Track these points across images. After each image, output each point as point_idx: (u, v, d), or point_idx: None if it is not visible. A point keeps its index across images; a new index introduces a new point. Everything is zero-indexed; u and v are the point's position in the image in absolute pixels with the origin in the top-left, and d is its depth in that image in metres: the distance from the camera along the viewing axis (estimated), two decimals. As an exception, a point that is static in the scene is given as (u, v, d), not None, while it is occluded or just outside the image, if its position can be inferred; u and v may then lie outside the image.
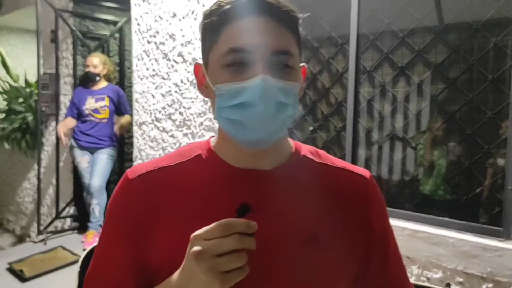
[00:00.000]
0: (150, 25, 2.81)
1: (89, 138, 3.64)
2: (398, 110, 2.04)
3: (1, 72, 4.95)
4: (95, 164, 3.63)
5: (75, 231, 4.07)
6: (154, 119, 2.85)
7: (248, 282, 0.64)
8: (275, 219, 0.68)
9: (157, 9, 2.75)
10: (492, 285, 1.61)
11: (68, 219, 4.15)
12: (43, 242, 3.75)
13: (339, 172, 0.78)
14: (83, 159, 3.65)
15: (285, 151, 0.75)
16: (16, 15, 4.81)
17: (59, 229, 4.10)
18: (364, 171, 0.81)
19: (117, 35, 4.24)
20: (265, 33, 0.63)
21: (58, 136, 3.68)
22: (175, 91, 2.70)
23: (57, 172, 3.94)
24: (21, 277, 3.04)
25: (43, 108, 3.95)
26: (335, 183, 0.76)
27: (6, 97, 4.71)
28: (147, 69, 2.87)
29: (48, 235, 3.85)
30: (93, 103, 3.64)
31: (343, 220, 0.73)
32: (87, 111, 3.63)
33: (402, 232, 1.82)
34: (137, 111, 2.96)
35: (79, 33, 3.95)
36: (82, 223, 4.12)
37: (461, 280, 1.68)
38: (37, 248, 3.65)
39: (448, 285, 1.72)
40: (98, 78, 3.68)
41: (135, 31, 2.92)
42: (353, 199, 0.76)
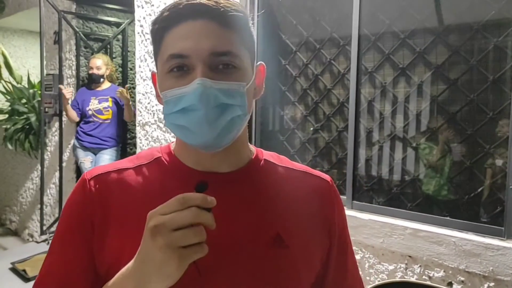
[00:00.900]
0: (153, 27, 2.82)
1: (92, 138, 3.67)
2: (399, 110, 2.06)
3: (5, 73, 4.97)
4: (97, 164, 3.64)
5: (78, 231, 4.08)
6: (157, 120, 2.86)
7: (211, 283, 0.64)
8: (236, 220, 0.68)
9: (160, 11, 2.76)
10: (493, 284, 1.62)
11: (71, 220, 4.16)
12: (46, 242, 3.77)
13: (300, 174, 0.78)
14: (86, 160, 3.67)
15: (245, 155, 0.74)
16: (19, 16, 4.83)
17: (62, 229, 4.11)
18: (325, 176, 0.81)
19: (120, 37, 4.26)
20: (202, 36, 0.62)
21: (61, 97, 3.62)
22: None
23: (60, 172, 3.96)
24: (24, 277, 3.06)
25: (46, 109, 3.97)
26: (297, 185, 0.76)
27: (9, 98, 4.73)
28: (150, 70, 2.88)
29: (51, 235, 3.87)
30: (96, 104, 3.67)
31: (307, 220, 0.74)
32: (90, 112, 3.65)
33: (403, 231, 1.83)
34: (140, 112, 2.98)
35: (82, 35, 3.97)
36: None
37: (462, 279, 1.69)
38: (40, 248, 3.68)
39: (449, 284, 1.73)
40: (102, 80, 3.70)
41: (138, 33, 2.94)
42: (316, 201, 0.76)
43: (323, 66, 2.31)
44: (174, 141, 0.76)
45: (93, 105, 3.65)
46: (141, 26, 2.91)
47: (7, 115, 4.70)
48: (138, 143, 3.04)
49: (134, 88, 3.84)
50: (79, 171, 3.90)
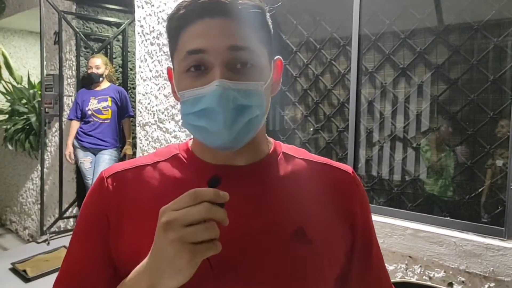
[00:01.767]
0: (153, 27, 2.83)
1: (92, 139, 3.66)
2: (399, 110, 2.05)
3: (5, 73, 4.97)
4: (98, 165, 3.65)
5: (78, 232, 4.08)
6: (157, 120, 2.86)
7: (231, 278, 0.63)
8: (254, 214, 0.67)
9: (160, 11, 2.77)
10: (494, 284, 1.62)
11: (71, 220, 4.17)
12: (46, 242, 3.76)
13: (320, 167, 0.77)
14: (86, 160, 3.67)
15: (263, 149, 0.74)
16: (19, 17, 4.84)
17: (62, 229, 4.12)
18: (346, 167, 0.79)
19: (120, 37, 4.26)
20: (220, 33, 0.62)
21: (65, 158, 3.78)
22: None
23: (60, 172, 3.96)
24: (24, 277, 3.05)
25: (46, 109, 3.97)
26: (317, 178, 0.75)
27: (9, 98, 4.74)
28: (150, 71, 2.88)
29: (51, 235, 3.87)
30: (96, 103, 3.67)
31: (328, 214, 0.72)
32: (89, 112, 3.65)
33: (404, 231, 1.83)
34: (140, 112, 2.97)
35: (82, 35, 3.97)
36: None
37: (463, 279, 1.69)
38: (40, 248, 3.67)
39: (450, 285, 1.72)
40: (101, 79, 3.70)
41: (138, 33, 2.94)
42: (337, 193, 0.75)
43: (324, 66, 2.31)
44: (192, 138, 0.76)
45: (93, 105, 3.65)
46: (141, 26, 2.91)
47: (7, 116, 4.71)
48: (138, 143, 3.04)
49: (134, 88, 3.85)
50: (79, 172, 3.90)
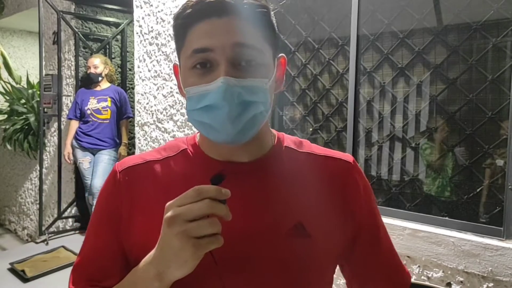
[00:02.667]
0: (152, 27, 2.82)
1: (91, 139, 3.66)
2: (398, 110, 2.05)
3: (4, 73, 4.97)
4: (96, 165, 3.64)
5: (77, 232, 4.09)
6: (155, 120, 2.86)
7: (228, 272, 0.66)
8: (257, 210, 0.70)
9: (158, 11, 2.76)
10: (492, 284, 1.61)
11: (70, 220, 4.16)
12: (45, 242, 3.76)
13: (322, 159, 0.78)
14: (85, 160, 3.66)
15: (267, 143, 0.76)
16: (18, 16, 4.83)
17: (61, 229, 4.11)
18: (347, 156, 0.80)
19: (119, 37, 4.26)
20: (226, 32, 0.63)
21: (65, 158, 3.78)
22: (177, 92, 2.71)
23: (59, 172, 3.96)
24: (23, 277, 3.05)
25: (45, 109, 3.97)
26: (319, 171, 0.77)
27: (8, 98, 4.74)
28: (149, 71, 2.88)
29: (50, 235, 3.87)
30: (95, 103, 3.66)
31: (329, 207, 0.74)
32: (89, 112, 3.65)
33: (402, 231, 1.83)
34: (139, 112, 2.97)
35: (81, 35, 3.97)
36: (84, 224, 4.14)
37: (461, 279, 1.69)
38: (39, 248, 3.66)
39: (448, 285, 1.72)
40: (100, 78, 3.70)
41: (137, 33, 2.94)
42: (338, 185, 0.76)
43: (322, 66, 2.31)
44: (199, 132, 0.77)
45: (92, 104, 3.65)
46: (140, 26, 2.91)
47: (6, 116, 4.70)
48: (137, 143, 3.04)
49: (133, 88, 3.84)
50: (78, 172, 3.90)
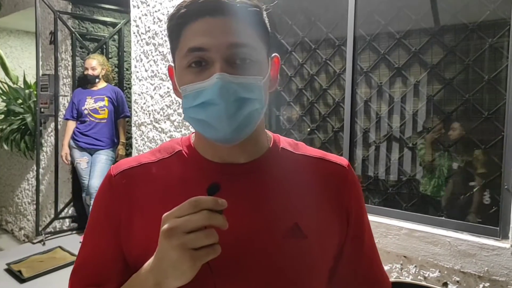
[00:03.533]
0: (148, 27, 2.82)
1: (88, 139, 3.65)
2: (395, 110, 2.06)
3: (0, 73, 4.96)
4: (94, 165, 3.64)
5: (74, 232, 4.08)
6: (152, 120, 2.86)
7: (231, 275, 0.66)
8: (253, 211, 0.70)
9: (155, 11, 2.76)
10: (488, 284, 1.62)
11: (67, 220, 4.16)
12: (42, 242, 3.75)
13: (317, 162, 0.79)
14: (82, 160, 3.66)
15: (263, 145, 0.76)
16: (15, 16, 4.82)
17: (57, 229, 4.10)
18: (342, 160, 0.81)
19: (116, 37, 4.26)
20: (221, 31, 0.64)
21: (62, 158, 3.77)
22: (174, 92, 2.71)
23: (56, 173, 3.94)
24: (20, 278, 3.04)
25: (42, 109, 3.96)
26: (314, 173, 0.77)
27: (5, 98, 4.72)
28: (146, 71, 2.87)
29: (46, 235, 3.86)
30: (92, 103, 3.66)
31: (324, 209, 0.75)
32: (86, 111, 3.64)
33: (399, 231, 1.83)
34: (136, 112, 2.97)
35: (78, 35, 3.96)
36: (81, 224, 4.13)
37: (458, 279, 1.69)
38: (36, 248, 3.65)
39: (445, 284, 1.72)
40: (97, 80, 3.70)
41: (134, 33, 2.93)
42: (332, 188, 0.77)
43: (319, 66, 2.31)
44: (194, 132, 0.78)
45: (89, 104, 3.64)
46: (137, 26, 2.90)
47: (3, 116, 4.69)
48: (134, 143, 3.03)
49: (130, 88, 3.84)
50: (74, 172, 3.89)
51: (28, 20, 4.35)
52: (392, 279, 1.80)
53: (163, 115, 2.79)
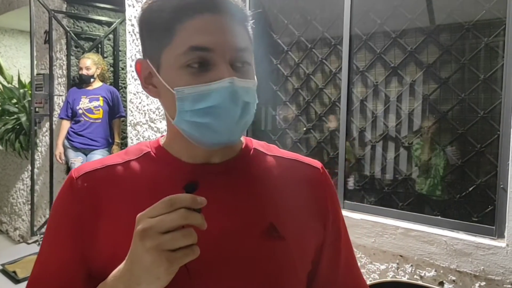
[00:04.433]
0: (144, 26, 2.80)
1: (83, 139, 3.63)
2: (390, 109, 2.06)
3: (-5, 73, 4.93)
4: (89, 165, 3.62)
5: (69, 233, 4.06)
6: (148, 120, 2.84)
7: (207, 277, 0.63)
8: (229, 212, 0.67)
9: None
10: (484, 283, 1.62)
11: (62, 221, 4.13)
12: (37, 243, 3.74)
13: (291, 163, 0.77)
14: (77, 160, 3.64)
15: (237, 145, 0.74)
16: (9, 16, 4.79)
17: (53, 230, 4.08)
18: (316, 162, 0.80)
19: (111, 36, 4.24)
20: (225, 31, 0.61)
21: (56, 158, 3.73)
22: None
23: (51, 172, 3.92)
24: (14, 279, 3.03)
25: (36, 109, 3.94)
26: (288, 174, 0.75)
27: (-1, 98, 4.70)
28: (141, 70, 2.86)
29: (41, 236, 3.83)
30: (87, 103, 3.63)
31: (300, 210, 0.73)
32: (80, 111, 3.62)
33: (395, 230, 1.83)
34: (131, 112, 2.95)
35: (73, 34, 3.94)
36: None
37: (454, 278, 1.69)
38: (31, 249, 3.64)
39: (441, 284, 1.73)
40: (92, 79, 3.68)
41: (129, 32, 2.92)
42: (307, 189, 0.75)
43: (315, 65, 2.30)
44: (163, 135, 0.75)
45: (84, 104, 3.62)
46: (132, 25, 2.89)
47: (-3, 115, 4.66)
48: (129, 143, 3.02)
49: (125, 87, 3.82)
50: (69, 172, 3.87)
51: (22, 19, 4.32)
52: (388, 279, 1.80)
53: (158, 114, 2.78)
